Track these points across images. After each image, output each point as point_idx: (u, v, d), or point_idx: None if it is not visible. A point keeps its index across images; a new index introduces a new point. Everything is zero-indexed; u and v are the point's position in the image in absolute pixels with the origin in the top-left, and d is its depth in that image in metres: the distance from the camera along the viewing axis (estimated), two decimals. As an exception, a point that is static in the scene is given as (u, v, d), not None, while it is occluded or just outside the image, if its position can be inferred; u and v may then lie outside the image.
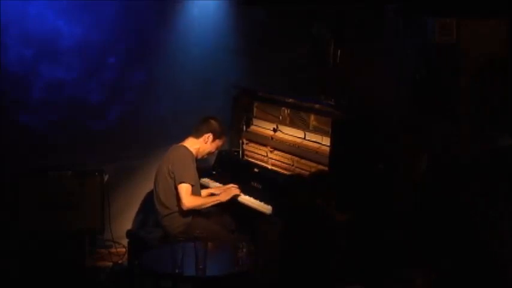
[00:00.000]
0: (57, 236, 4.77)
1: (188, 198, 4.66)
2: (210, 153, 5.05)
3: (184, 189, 4.66)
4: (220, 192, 4.96)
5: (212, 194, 5.01)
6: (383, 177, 4.54)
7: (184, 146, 4.84)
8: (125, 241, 5.09)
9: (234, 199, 4.90)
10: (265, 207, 4.70)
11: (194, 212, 4.77)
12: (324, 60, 5.43)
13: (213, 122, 4.91)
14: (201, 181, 5.05)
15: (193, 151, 4.84)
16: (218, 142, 4.97)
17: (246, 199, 4.91)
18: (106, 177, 4.93)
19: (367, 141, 4.54)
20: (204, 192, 5.02)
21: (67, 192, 4.79)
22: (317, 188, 3.69)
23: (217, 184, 5.22)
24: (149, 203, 5.13)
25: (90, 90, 5.27)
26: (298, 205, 3.54)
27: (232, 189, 4.92)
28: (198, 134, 4.89)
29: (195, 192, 4.77)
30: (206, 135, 4.88)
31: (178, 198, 4.68)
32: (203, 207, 4.78)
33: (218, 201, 4.83)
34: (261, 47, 5.76)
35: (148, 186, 5.19)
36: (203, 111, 5.19)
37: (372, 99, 4.94)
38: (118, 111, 5.40)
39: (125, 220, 5.49)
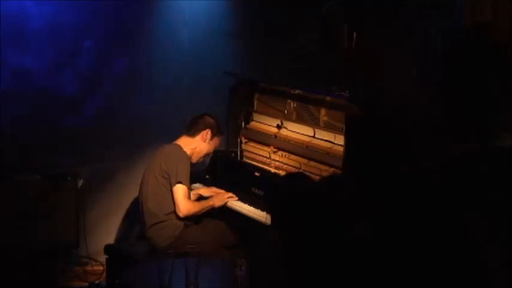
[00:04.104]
0: (23, 252, 4.78)
1: (185, 203, 4.64)
2: (207, 155, 5.04)
3: (181, 190, 4.63)
4: (211, 195, 4.98)
5: (201, 197, 5.03)
6: (406, 181, 4.35)
7: (179, 144, 4.82)
8: (103, 257, 5.02)
9: (229, 207, 4.88)
10: (267, 218, 4.50)
11: (185, 222, 4.76)
12: (336, 45, 5.39)
13: (209, 118, 4.93)
14: (192, 187, 5.03)
15: (188, 152, 4.82)
16: (216, 140, 4.98)
17: (245, 208, 4.83)
18: (81, 182, 5.00)
19: (387, 140, 4.41)
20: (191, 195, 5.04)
21: (35, 200, 4.80)
22: (329, 194, 3.60)
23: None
24: (132, 212, 5.24)
25: (63, 80, 5.27)
26: (305, 216, 3.40)
27: (226, 194, 4.93)
28: (193, 132, 4.88)
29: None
30: (204, 132, 4.87)
31: (173, 203, 4.66)
32: (199, 214, 4.76)
33: (211, 207, 4.84)
34: (262, 30, 5.76)
35: (131, 192, 5.23)
36: (195, 104, 5.27)
37: (392, 90, 4.88)
38: (95, 105, 5.41)
39: (102, 232, 5.48)
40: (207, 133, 4.86)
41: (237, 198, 4.89)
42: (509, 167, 3.93)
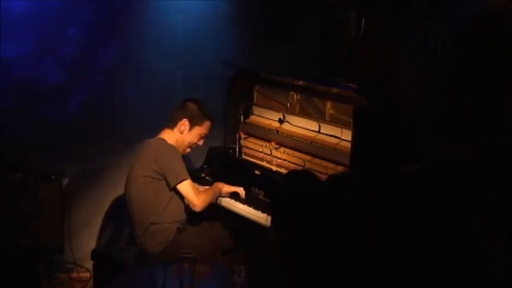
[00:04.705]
0: (2, 257, 4.73)
1: (198, 197, 4.67)
2: (192, 145, 4.91)
3: (189, 187, 4.64)
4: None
5: None
6: (407, 181, 4.46)
7: (163, 138, 4.76)
8: (90, 263, 4.99)
9: (227, 208, 4.87)
10: (267, 220, 4.57)
11: (179, 226, 4.73)
12: (343, 33, 5.39)
13: (189, 104, 4.83)
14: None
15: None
16: (199, 129, 4.83)
17: (243, 209, 4.80)
18: (65, 181, 4.99)
19: (398, 135, 4.42)
20: None
21: (16, 201, 4.76)
22: (334, 194, 3.57)
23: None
24: (121, 214, 5.07)
25: (46, 70, 5.21)
26: (309, 216, 3.36)
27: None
28: (172, 123, 4.81)
29: None
30: (181, 123, 4.78)
31: (166, 202, 4.65)
32: (212, 201, 4.82)
33: (220, 191, 4.90)
34: (264, 16, 5.70)
35: (120, 192, 5.10)
36: (189, 97, 5.06)
37: (392, 90, 4.94)
38: (82, 97, 5.35)
39: (89, 236, 5.49)
40: (183, 124, 4.75)
41: (243, 193, 4.89)
42: (509, 167, 3.95)
